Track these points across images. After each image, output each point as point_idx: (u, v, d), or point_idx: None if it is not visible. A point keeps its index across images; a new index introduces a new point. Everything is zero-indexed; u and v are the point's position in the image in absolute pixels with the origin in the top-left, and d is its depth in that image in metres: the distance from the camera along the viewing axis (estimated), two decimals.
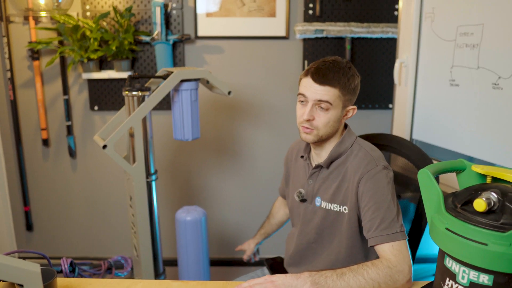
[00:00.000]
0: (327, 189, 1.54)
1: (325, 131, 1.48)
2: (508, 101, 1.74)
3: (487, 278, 0.93)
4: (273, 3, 2.77)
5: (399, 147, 1.79)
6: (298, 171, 1.70)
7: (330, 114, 1.46)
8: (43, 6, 2.58)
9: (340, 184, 1.51)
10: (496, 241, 0.89)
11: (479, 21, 1.85)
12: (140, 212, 2.09)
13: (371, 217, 1.39)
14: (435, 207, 1.02)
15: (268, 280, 1.26)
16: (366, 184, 1.42)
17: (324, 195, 1.55)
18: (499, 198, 0.93)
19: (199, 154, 3.05)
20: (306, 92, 1.46)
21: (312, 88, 1.45)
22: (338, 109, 1.47)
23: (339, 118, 1.49)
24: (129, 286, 1.30)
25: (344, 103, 1.48)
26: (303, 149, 1.65)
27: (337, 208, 1.52)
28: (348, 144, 1.53)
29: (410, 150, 1.74)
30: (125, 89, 2.03)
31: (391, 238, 1.34)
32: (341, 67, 1.47)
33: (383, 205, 1.39)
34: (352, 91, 1.49)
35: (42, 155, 3.06)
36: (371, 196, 1.41)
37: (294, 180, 1.72)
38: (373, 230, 1.38)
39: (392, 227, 1.36)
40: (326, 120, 1.46)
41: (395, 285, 1.28)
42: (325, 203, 1.55)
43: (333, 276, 1.26)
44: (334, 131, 1.51)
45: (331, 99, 1.44)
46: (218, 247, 3.17)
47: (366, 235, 1.42)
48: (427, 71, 2.20)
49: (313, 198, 1.59)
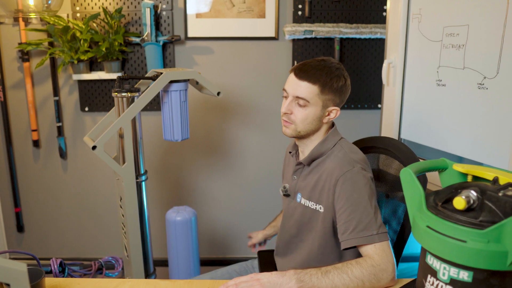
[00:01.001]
0: (307, 186, 1.56)
1: (303, 127, 1.50)
2: (493, 101, 1.76)
3: (467, 275, 0.95)
4: (262, 4, 2.79)
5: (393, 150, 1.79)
6: (288, 167, 1.74)
7: (307, 111, 1.47)
8: (32, 7, 2.58)
9: (317, 182, 1.52)
10: (474, 238, 0.90)
11: (464, 22, 1.87)
12: (130, 213, 2.10)
13: (347, 219, 1.40)
14: (417, 205, 1.03)
15: (254, 278, 1.27)
16: (343, 186, 1.42)
17: (303, 191, 1.58)
18: (478, 196, 0.95)
19: (189, 154, 3.07)
20: (287, 87, 1.50)
21: (293, 83, 1.48)
22: (317, 107, 1.47)
23: (319, 117, 1.49)
24: (117, 286, 1.31)
25: (325, 102, 1.48)
26: (292, 146, 1.70)
27: (314, 206, 1.53)
28: (330, 144, 1.53)
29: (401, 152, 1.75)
30: (115, 90, 2.04)
31: (368, 240, 1.35)
32: (327, 66, 1.48)
33: (359, 207, 1.39)
34: (335, 91, 1.49)
35: (33, 156, 3.07)
36: (347, 198, 1.41)
37: (285, 175, 1.77)
38: (349, 232, 1.38)
39: (368, 229, 1.36)
40: (304, 116, 1.48)
41: (379, 283, 1.30)
42: (304, 199, 1.57)
43: (318, 274, 1.27)
44: (314, 129, 1.52)
45: (309, 96, 1.45)
46: (208, 247, 3.18)
47: (340, 237, 1.42)
48: (415, 71, 2.22)
49: (295, 193, 1.62)
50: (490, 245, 0.89)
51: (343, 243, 1.40)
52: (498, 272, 0.93)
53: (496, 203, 0.92)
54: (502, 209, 0.91)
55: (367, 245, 1.36)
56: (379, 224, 1.38)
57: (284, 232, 1.71)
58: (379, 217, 1.40)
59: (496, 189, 0.95)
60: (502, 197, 0.92)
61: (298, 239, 1.64)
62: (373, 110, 2.98)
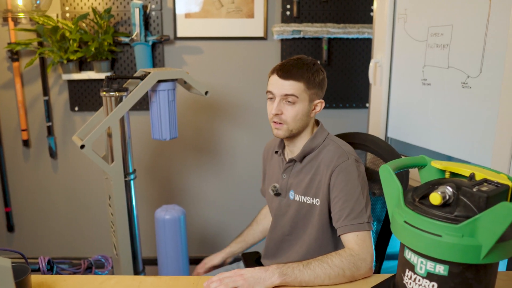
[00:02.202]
0: (300, 182, 1.60)
1: (294, 125, 1.54)
2: (476, 100, 1.79)
3: (443, 268, 0.97)
4: (251, 4, 2.81)
5: (372, 145, 1.83)
6: (273, 167, 1.76)
7: (297, 108, 1.52)
8: (21, 7, 2.59)
9: (313, 177, 1.57)
10: (449, 233, 0.93)
11: (448, 22, 1.90)
12: (118, 211, 2.11)
13: (341, 208, 1.46)
14: (395, 201, 1.06)
15: (237, 273, 1.30)
16: (338, 176, 1.49)
17: (297, 188, 1.61)
18: (454, 192, 0.97)
19: (178, 153, 3.08)
20: (273, 88, 1.53)
21: (278, 83, 1.52)
22: (305, 102, 1.53)
23: (307, 111, 1.55)
24: (103, 282, 1.32)
25: (311, 97, 1.54)
26: (277, 145, 1.71)
27: (310, 201, 1.57)
28: (320, 139, 1.59)
29: (382, 148, 1.79)
30: (103, 90, 2.05)
31: (359, 227, 1.42)
32: (305, 63, 1.55)
33: (353, 197, 1.46)
34: (317, 85, 1.55)
35: (23, 156, 3.07)
36: (342, 187, 1.48)
37: (270, 175, 1.78)
38: (343, 219, 1.45)
39: (360, 217, 1.43)
40: (294, 113, 1.52)
41: (358, 271, 1.35)
42: (298, 196, 1.60)
43: (300, 266, 1.32)
44: (304, 125, 1.57)
45: (297, 92, 1.50)
46: (198, 246, 3.21)
47: (335, 225, 1.48)
48: (401, 71, 2.25)
49: (287, 191, 1.65)
50: (464, 239, 0.92)
51: (339, 230, 1.46)
52: (473, 266, 0.95)
53: (471, 198, 0.95)
54: (476, 204, 0.94)
55: (349, 234, 1.43)
56: (368, 214, 1.45)
57: (275, 232, 1.73)
58: (369, 207, 1.48)
59: (471, 185, 0.98)
60: (477, 192, 0.94)
61: (292, 237, 1.67)
62: (361, 109, 3.01)
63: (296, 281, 1.30)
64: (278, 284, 1.30)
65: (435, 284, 0.99)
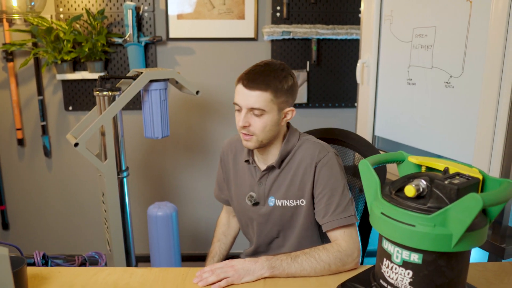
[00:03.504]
0: (280, 187, 1.58)
1: (264, 136, 1.48)
2: (459, 99, 1.85)
3: (417, 257, 1.03)
4: (242, 6, 2.86)
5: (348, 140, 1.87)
6: (242, 175, 1.68)
7: (265, 119, 1.45)
8: (16, 8, 2.63)
9: (293, 179, 1.55)
10: (422, 223, 0.98)
11: (432, 24, 1.96)
12: (111, 208, 2.17)
13: (327, 203, 1.47)
14: (373, 194, 1.11)
15: (228, 264, 1.35)
16: (321, 171, 1.49)
17: (277, 193, 1.58)
18: (427, 185, 1.03)
19: (170, 152, 3.14)
20: (238, 100, 1.48)
21: (244, 95, 1.45)
22: (273, 112, 1.46)
23: (277, 121, 1.48)
24: (96, 273, 1.37)
25: (279, 106, 1.47)
26: (245, 153, 1.64)
27: (294, 203, 1.56)
28: (294, 140, 1.56)
29: (357, 142, 1.83)
30: (96, 89, 2.11)
31: (347, 221, 1.44)
32: (272, 69, 1.48)
33: (338, 191, 1.47)
34: (286, 93, 1.48)
35: (18, 154, 3.12)
36: (326, 182, 1.48)
37: (238, 183, 1.69)
38: (329, 215, 1.46)
39: (347, 211, 1.45)
40: (262, 125, 1.46)
41: (344, 267, 1.39)
42: (280, 201, 1.58)
43: (288, 259, 1.36)
44: (274, 135, 1.52)
45: (263, 104, 1.43)
46: (190, 243, 3.26)
47: (321, 221, 1.48)
48: (387, 71, 2.31)
49: (265, 199, 1.61)
50: (436, 229, 0.97)
51: (324, 226, 1.47)
52: (445, 254, 1.01)
53: (443, 190, 1.01)
54: (448, 195, 1.00)
55: (336, 230, 1.45)
56: (353, 207, 1.48)
57: (262, 237, 1.69)
58: (352, 200, 1.50)
59: (444, 178, 1.04)
60: (448, 185, 1.00)
61: (281, 239, 1.67)
62: (350, 108, 3.07)
63: (283, 274, 1.35)
64: (266, 276, 1.34)
65: (410, 272, 1.05)
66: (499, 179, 1.05)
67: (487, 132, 1.68)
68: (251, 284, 1.33)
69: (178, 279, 1.35)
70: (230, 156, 1.73)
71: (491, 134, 1.67)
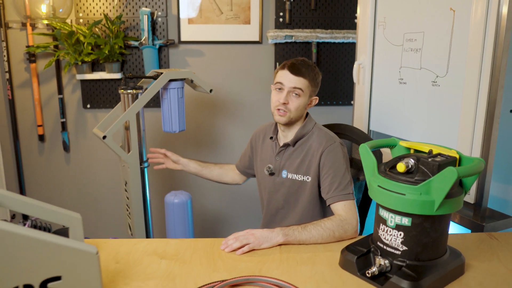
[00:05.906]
0: (292, 163, 1.90)
1: (295, 114, 1.84)
2: (444, 96, 2.02)
3: (407, 220, 1.27)
4: (248, 11, 3.07)
5: (351, 134, 2.17)
6: (266, 150, 2.03)
7: (300, 100, 1.83)
8: (44, 14, 2.83)
9: (303, 158, 1.87)
10: (411, 192, 1.23)
11: (420, 29, 2.13)
12: (134, 195, 2.38)
13: (331, 182, 1.77)
14: (371, 171, 1.36)
15: (249, 233, 1.58)
16: (327, 156, 1.80)
17: (289, 168, 1.91)
18: (415, 163, 1.28)
19: (183, 145, 3.32)
20: (283, 80, 1.82)
21: (289, 77, 1.81)
22: (306, 97, 1.84)
23: (305, 104, 1.86)
24: (136, 244, 1.58)
25: (310, 93, 1.86)
26: (271, 131, 1.99)
27: (301, 178, 1.88)
28: (309, 127, 1.90)
29: (358, 136, 2.13)
30: (121, 88, 2.30)
31: (346, 197, 1.74)
32: (309, 65, 1.86)
33: (340, 173, 1.78)
34: (316, 84, 1.88)
35: (38, 149, 3.29)
36: (330, 165, 1.79)
37: (262, 158, 2.04)
38: (332, 191, 1.76)
39: (346, 189, 1.75)
40: (297, 104, 1.82)
41: (345, 233, 1.64)
42: (290, 174, 1.91)
43: (299, 229, 1.61)
44: (301, 116, 1.88)
45: (303, 87, 1.81)
46: (201, 229, 3.45)
47: (325, 196, 1.79)
48: (381, 71, 2.46)
49: (280, 171, 1.94)
50: (422, 196, 1.22)
51: (328, 200, 1.77)
52: (429, 217, 1.26)
53: (427, 166, 1.26)
54: (431, 170, 1.25)
55: (338, 203, 1.73)
56: (352, 187, 1.77)
57: (270, 207, 2.02)
58: (352, 182, 1.80)
59: (428, 157, 1.29)
60: (431, 162, 1.25)
61: (284, 210, 1.98)
62: (347, 106, 3.26)
63: (295, 241, 1.59)
64: (281, 243, 1.58)
65: (402, 233, 1.29)
66: (472, 157, 1.31)
67: (468, 124, 1.87)
68: (269, 249, 1.56)
69: (207, 247, 1.57)
70: (261, 136, 2.09)
71: (472, 126, 1.85)
